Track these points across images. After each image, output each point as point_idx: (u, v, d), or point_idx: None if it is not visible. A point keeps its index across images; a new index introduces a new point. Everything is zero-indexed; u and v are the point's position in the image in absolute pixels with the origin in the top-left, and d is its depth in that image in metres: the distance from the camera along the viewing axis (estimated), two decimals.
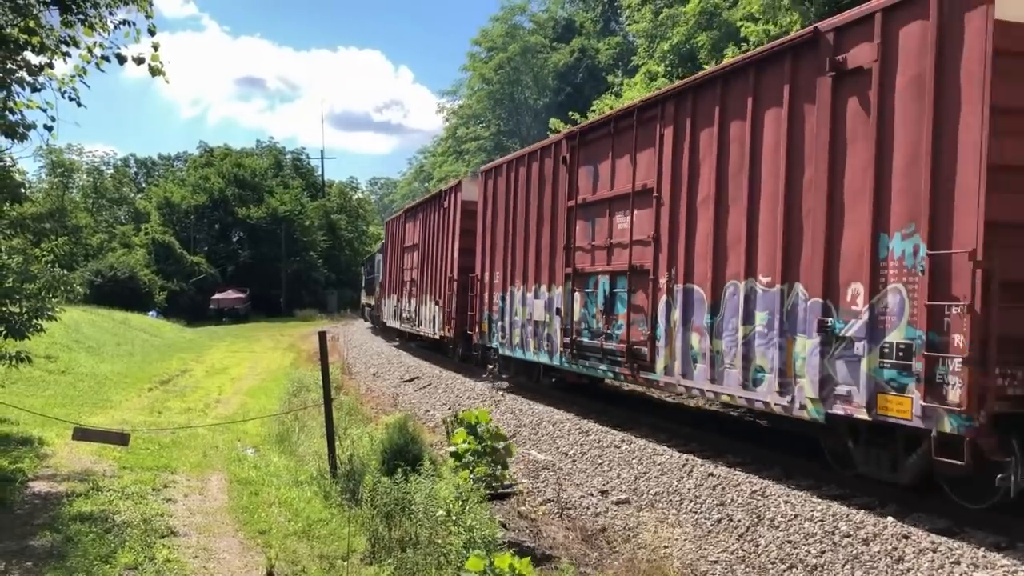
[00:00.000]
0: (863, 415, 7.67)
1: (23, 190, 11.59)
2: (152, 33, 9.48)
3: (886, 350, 7.44)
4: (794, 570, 7.09)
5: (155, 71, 9.38)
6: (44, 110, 9.57)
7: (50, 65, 9.56)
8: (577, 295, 13.20)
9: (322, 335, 10.05)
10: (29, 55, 9.42)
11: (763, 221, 9.12)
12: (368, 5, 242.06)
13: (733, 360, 9.51)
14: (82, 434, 8.62)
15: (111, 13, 9.58)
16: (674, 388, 11.06)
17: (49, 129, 9.56)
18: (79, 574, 6.12)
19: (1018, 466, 6.64)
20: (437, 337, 22.75)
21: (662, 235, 10.99)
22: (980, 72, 6.62)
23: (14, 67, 9.25)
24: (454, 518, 6.80)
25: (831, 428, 8.40)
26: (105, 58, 9.45)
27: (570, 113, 35.45)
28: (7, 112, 9.29)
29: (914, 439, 7.50)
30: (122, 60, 9.36)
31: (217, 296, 56.40)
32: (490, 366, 17.11)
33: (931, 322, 6.96)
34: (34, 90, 9.49)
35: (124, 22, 9.49)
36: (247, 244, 65.54)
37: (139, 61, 9.29)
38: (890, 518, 7.47)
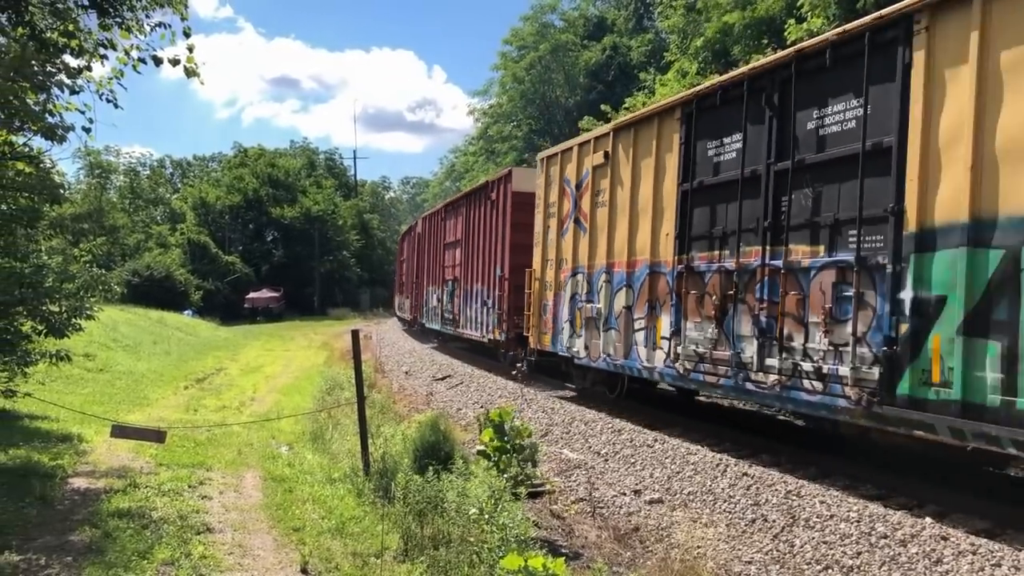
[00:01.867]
0: None
1: (62, 191, 11.78)
2: (187, 35, 9.61)
3: None
4: (830, 571, 7.00)
5: (190, 72, 9.49)
6: (82, 112, 9.75)
7: (88, 68, 9.73)
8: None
9: (355, 333, 10.09)
10: (68, 58, 9.59)
11: None
12: (402, 5, 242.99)
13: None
14: (120, 431, 8.74)
15: (147, 16, 9.73)
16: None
17: (87, 131, 9.73)
18: (117, 569, 6.20)
19: None
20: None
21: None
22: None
23: (53, 70, 9.40)
24: (487, 516, 6.79)
25: None
26: (142, 60, 9.60)
27: (602, 107, 35.32)
28: (47, 114, 9.44)
29: None
30: (158, 62, 9.50)
31: (251, 295, 56.95)
32: (519, 364, 16.90)
33: None
34: (73, 92, 9.65)
35: (160, 24, 9.64)
36: (281, 243, 66.13)
37: (175, 63, 9.41)
38: (928, 519, 7.35)
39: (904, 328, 7.78)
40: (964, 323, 7.16)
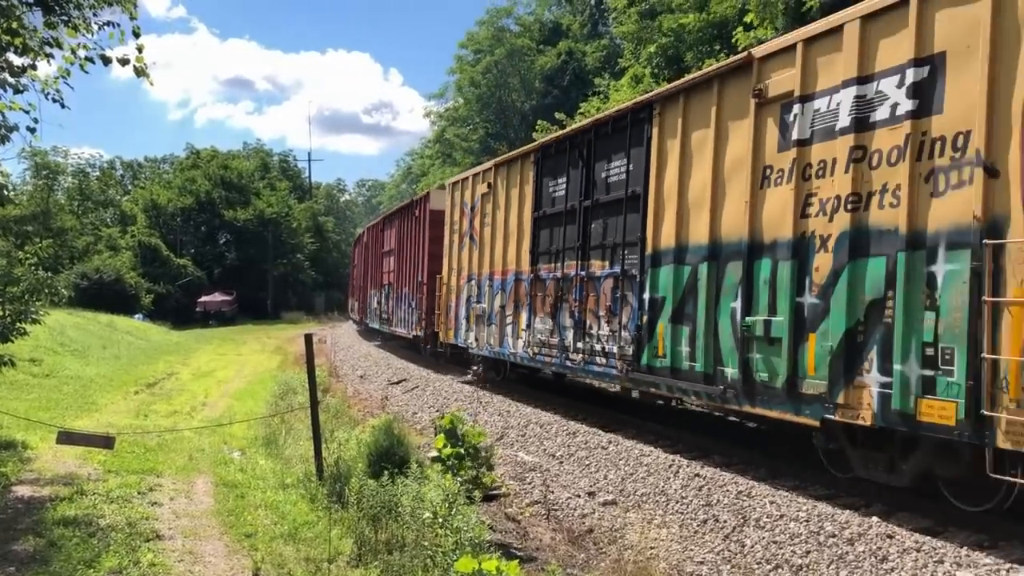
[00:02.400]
0: None
1: (6, 192, 11.51)
2: (136, 35, 9.44)
3: None
4: (780, 570, 7.10)
5: (140, 72, 9.33)
6: (27, 112, 9.51)
7: (33, 66, 9.50)
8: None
9: (308, 337, 10.02)
10: (11, 56, 9.36)
11: None
12: (357, 7, 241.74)
13: None
14: (67, 437, 8.56)
15: (95, 14, 9.54)
16: None
17: (32, 131, 9.50)
18: None
19: None
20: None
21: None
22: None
23: None
24: (441, 520, 6.79)
25: None
26: (89, 59, 9.39)
27: (556, 114, 35.45)
28: None
29: None
30: (106, 61, 9.30)
31: (203, 299, 56.16)
32: (474, 367, 17.16)
33: None
34: (16, 92, 9.42)
35: (108, 23, 9.44)
36: (234, 246, 65.32)
37: (124, 62, 9.24)
38: (875, 518, 7.50)
39: (645, 319, 11.08)
40: (672, 315, 10.51)
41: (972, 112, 6.88)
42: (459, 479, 8.55)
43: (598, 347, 12.20)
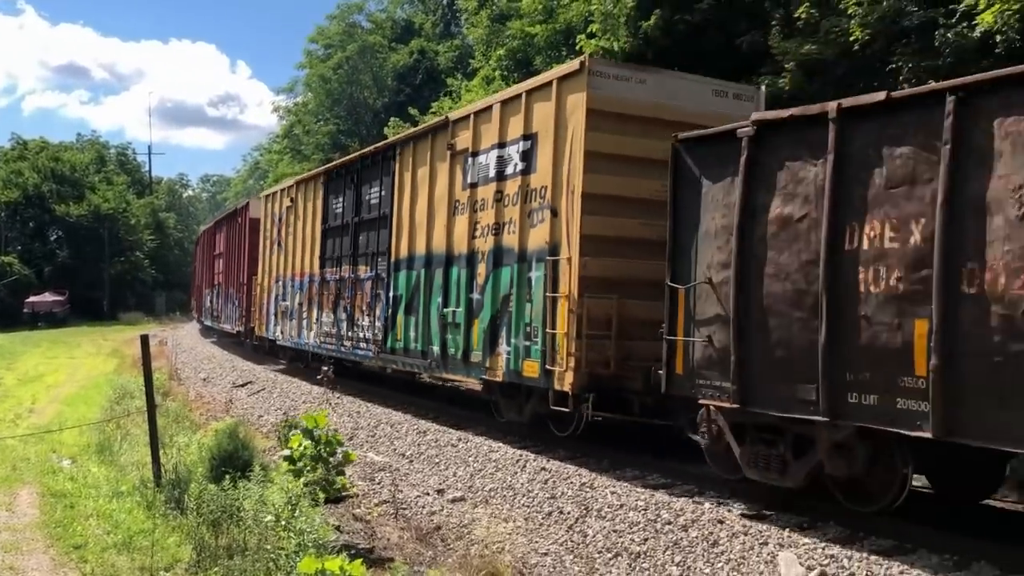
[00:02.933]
0: None
1: None
2: None
3: None
4: (619, 558, 7.38)
5: None
6: None
7: None
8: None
9: (144, 338, 9.62)
10: None
11: None
12: None
13: None
14: None
15: None
16: None
17: None
18: None
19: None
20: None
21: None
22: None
23: None
24: (284, 523, 6.69)
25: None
26: None
27: (410, 109, 35.27)
28: None
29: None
30: None
31: (32, 299, 52.59)
32: (324, 368, 16.97)
33: None
34: None
35: None
36: (66, 243, 61.48)
37: None
38: (707, 504, 7.90)
39: (390, 312, 13.99)
40: (405, 308, 13.46)
41: (547, 174, 10.11)
42: (305, 481, 8.42)
43: (362, 335, 15.17)
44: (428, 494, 9.64)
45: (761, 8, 16.19)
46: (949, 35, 12.04)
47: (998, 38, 11.30)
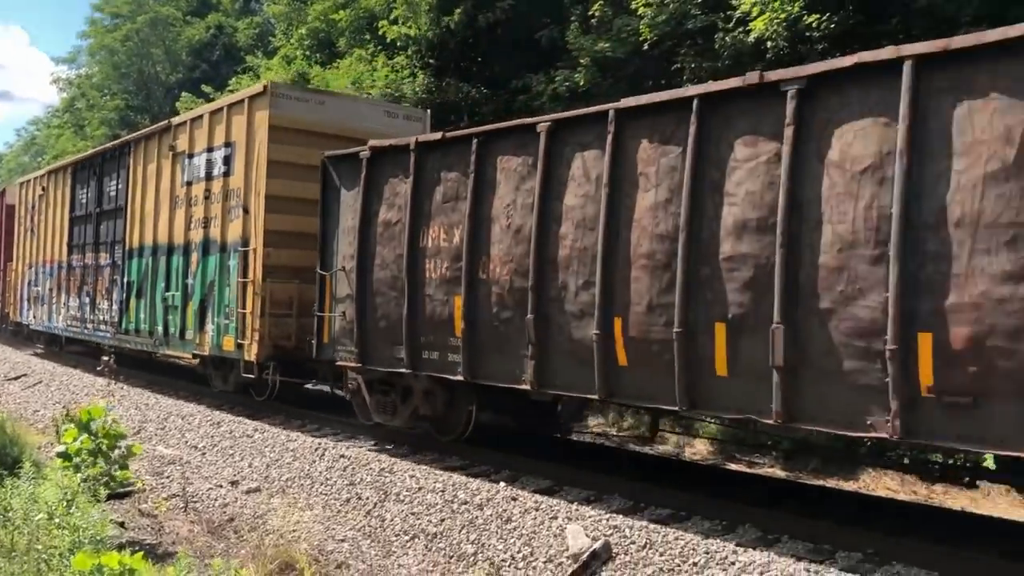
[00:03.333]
0: None
1: None
2: None
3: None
4: (416, 540, 7.66)
5: None
6: None
7: None
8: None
9: None
10: None
11: None
12: None
13: None
14: None
15: None
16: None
17: None
18: None
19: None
20: None
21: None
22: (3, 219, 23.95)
23: None
24: (57, 520, 6.35)
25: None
26: None
27: (203, 87, 34.73)
28: None
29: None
30: None
31: None
32: (104, 358, 15.70)
33: None
34: None
35: None
36: None
37: None
38: (502, 483, 8.29)
39: (125, 296, 15.47)
40: (137, 292, 15.02)
41: (241, 177, 12.21)
42: (83, 476, 8.01)
43: (102, 318, 16.68)
44: (221, 486, 9.56)
45: (560, 4, 16.71)
46: (727, 39, 12.55)
47: (769, 44, 11.90)
